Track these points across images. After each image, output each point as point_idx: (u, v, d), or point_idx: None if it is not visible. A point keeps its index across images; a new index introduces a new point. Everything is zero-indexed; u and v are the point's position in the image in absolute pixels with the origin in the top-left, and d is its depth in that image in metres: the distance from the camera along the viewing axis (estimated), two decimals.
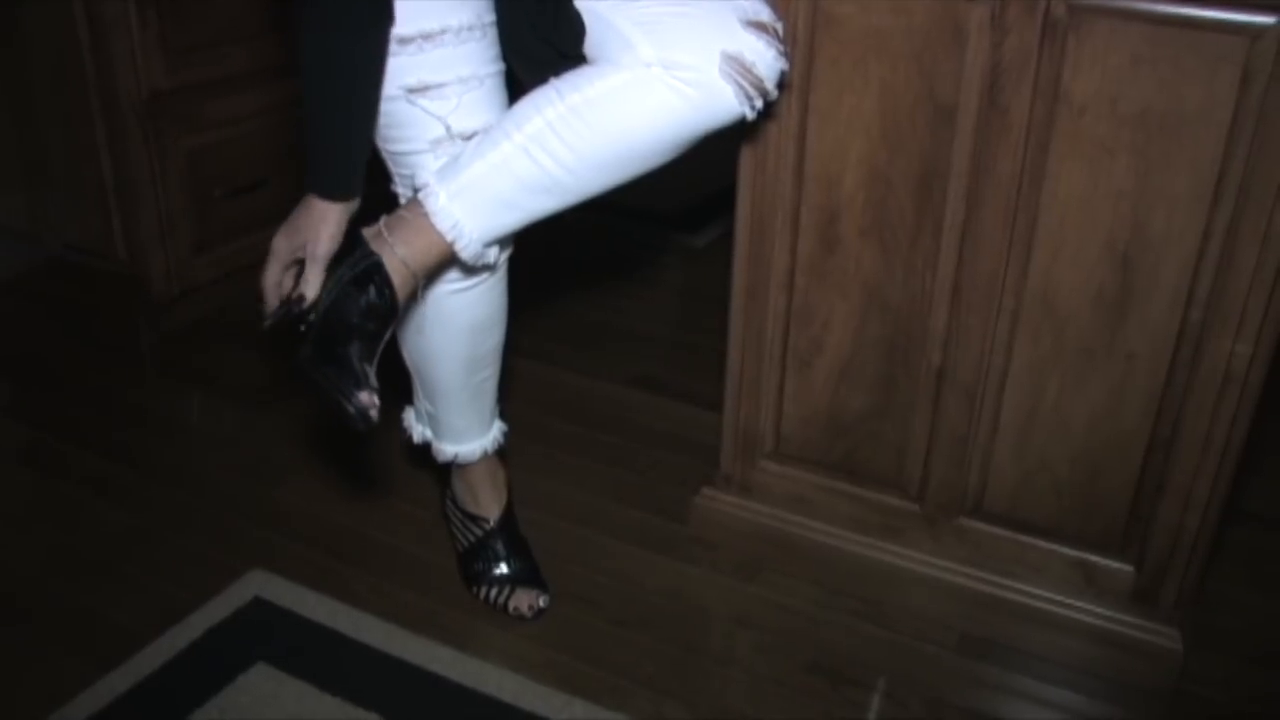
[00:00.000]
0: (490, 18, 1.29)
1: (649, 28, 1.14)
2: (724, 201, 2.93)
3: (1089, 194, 1.30)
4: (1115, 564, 1.47)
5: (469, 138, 1.28)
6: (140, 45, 2.06)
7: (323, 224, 1.22)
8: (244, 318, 2.39)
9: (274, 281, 1.26)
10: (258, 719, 1.38)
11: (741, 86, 1.15)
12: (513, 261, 1.44)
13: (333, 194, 1.23)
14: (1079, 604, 1.50)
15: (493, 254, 1.28)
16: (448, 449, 1.55)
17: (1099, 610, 1.49)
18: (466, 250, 1.22)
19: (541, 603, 1.56)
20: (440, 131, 1.28)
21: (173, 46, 2.12)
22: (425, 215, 1.20)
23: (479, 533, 1.60)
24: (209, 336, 2.31)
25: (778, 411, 1.60)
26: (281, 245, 1.25)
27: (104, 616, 1.54)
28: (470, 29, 1.26)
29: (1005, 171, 1.33)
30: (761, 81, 1.17)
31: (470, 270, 1.36)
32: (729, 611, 1.60)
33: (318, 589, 1.59)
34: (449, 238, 1.20)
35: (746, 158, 1.47)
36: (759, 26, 1.16)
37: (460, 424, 1.53)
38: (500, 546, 1.59)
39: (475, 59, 1.28)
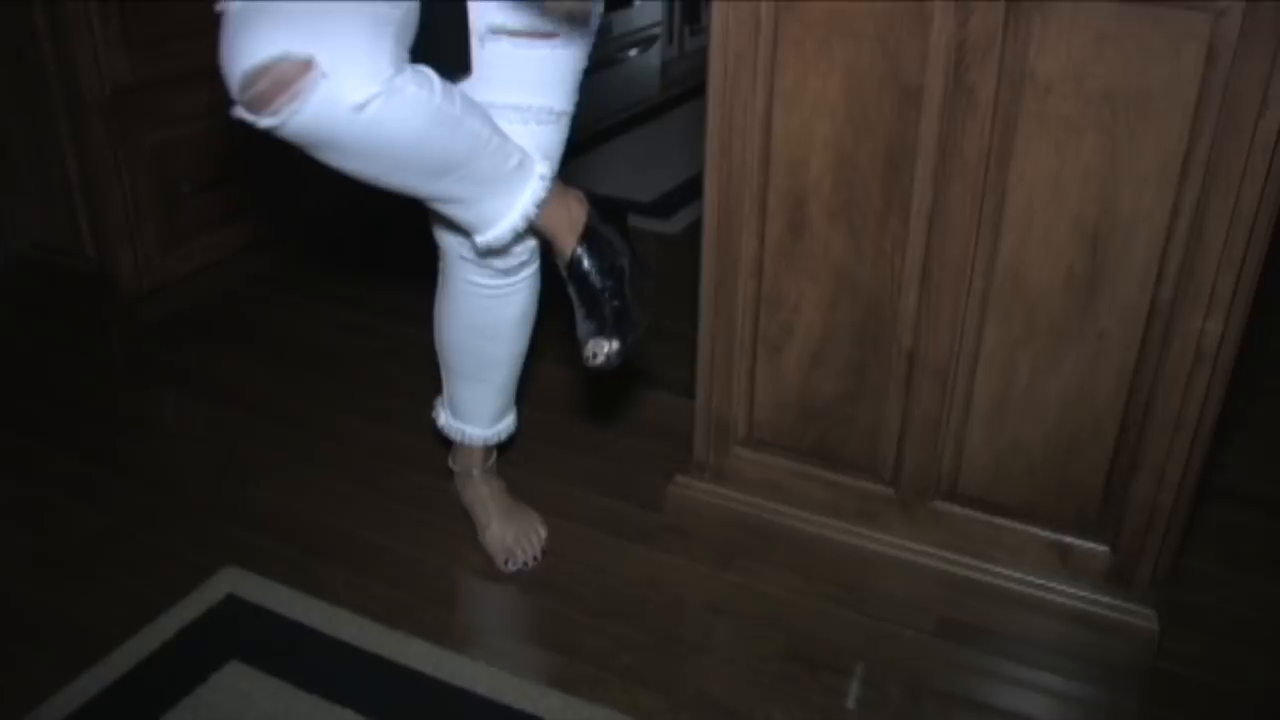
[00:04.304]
0: None
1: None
2: (696, 188, 2.94)
3: (1057, 173, 1.29)
4: (1090, 544, 1.47)
5: None
6: (102, 40, 2.04)
7: None
8: (214, 314, 2.37)
9: None
10: (232, 718, 1.37)
11: None
12: None
13: None
14: (1055, 585, 1.50)
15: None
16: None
17: (1075, 591, 1.49)
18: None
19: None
20: None
21: (135, 41, 2.10)
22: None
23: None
24: (179, 333, 2.29)
25: (750, 398, 1.59)
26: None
27: (75, 617, 1.53)
28: None
29: (972, 152, 1.32)
30: None
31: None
32: (705, 599, 1.59)
33: (290, 585, 1.58)
34: None
35: (713, 144, 1.45)
36: None
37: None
38: None
39: None
